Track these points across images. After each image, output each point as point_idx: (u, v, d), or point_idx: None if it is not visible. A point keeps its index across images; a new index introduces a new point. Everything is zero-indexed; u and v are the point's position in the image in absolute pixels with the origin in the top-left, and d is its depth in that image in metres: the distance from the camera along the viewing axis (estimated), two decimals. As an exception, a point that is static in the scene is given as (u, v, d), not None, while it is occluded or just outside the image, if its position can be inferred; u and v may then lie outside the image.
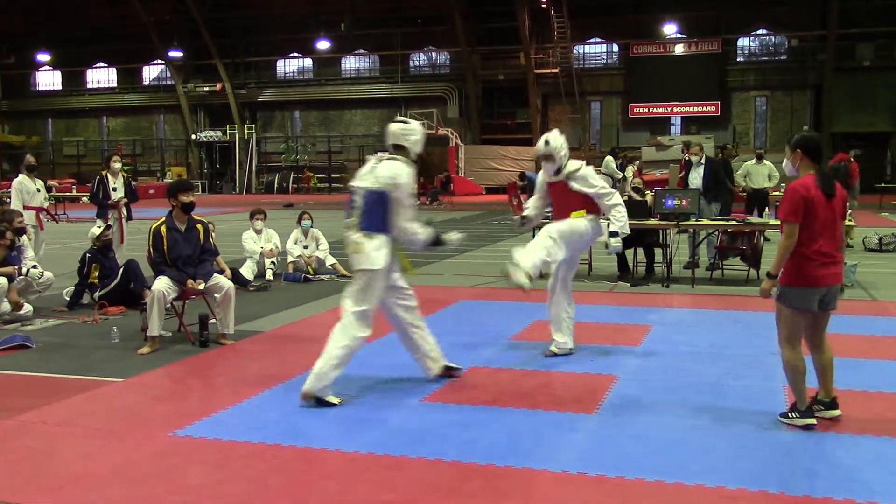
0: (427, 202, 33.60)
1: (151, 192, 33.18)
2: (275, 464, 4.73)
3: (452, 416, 5.53)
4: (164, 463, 4.76)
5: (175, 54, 44.76)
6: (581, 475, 4.51)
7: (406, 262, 6.38)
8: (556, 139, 7.18)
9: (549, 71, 40.34)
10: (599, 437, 5.08)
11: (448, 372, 6.44)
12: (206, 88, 45.53)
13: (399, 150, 6.07)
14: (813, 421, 5.18)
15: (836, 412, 5.34)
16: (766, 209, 14.49)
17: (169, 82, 46.96)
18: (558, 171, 7.14)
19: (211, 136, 46.51)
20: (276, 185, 44.07)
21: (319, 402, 5.73)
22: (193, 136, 46.58)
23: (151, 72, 48.63)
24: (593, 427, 5.29)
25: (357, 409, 5.76)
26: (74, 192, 28.10)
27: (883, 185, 29.13)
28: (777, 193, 18.62)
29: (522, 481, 4.45)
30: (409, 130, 6.10)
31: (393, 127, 6.14)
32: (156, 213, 9.59)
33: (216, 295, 7.90)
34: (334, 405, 5.74)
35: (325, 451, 4.90)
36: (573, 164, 7.17)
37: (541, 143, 7.22)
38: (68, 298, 9.83)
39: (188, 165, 47.21)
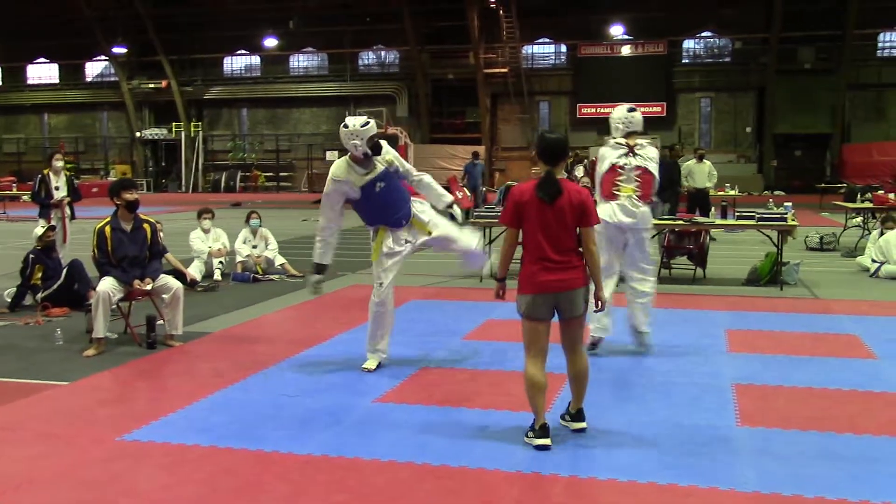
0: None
1: (95, 190, 32.47)
2: (226, 466, 4.67)
3: (405, 417, 5.52)
4: (113, 467, 4.66)
5: (119, 50, 43.87)
6: (535, 474, 4.53)
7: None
8: None
9: (498, 70, 40.45)
10: (553, 437, 5.09)
11: None
12: (152, 85, 44.72)
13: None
14: (545, 442, 4.85)
15: (582, 424, 5.15)
16: (712, 209, 14.69)
17: (113, 79, 46.02)
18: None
19: (156, 134, 45.72)
20: (222, 184, 43.51)
21: None
22: (138, 134, 45.74)
23: (95, 68, 47.66)
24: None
25: (309, 410, 5.71)
26: (14, 191, 27.33)
27: (823, 185, 29.79)
28: (721, 193, 19.00)
29: (477, 482, 4.46)
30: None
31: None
32: (99, 213, 9.42)
33: (164, 296, 7.77)
34: None
35: (278, 452, 4.84)
36: None
37: None
38: (10, 300, 9.59)
39: (133, 163, 46.34)
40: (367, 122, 6.49)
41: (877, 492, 4.25)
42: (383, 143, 6.74)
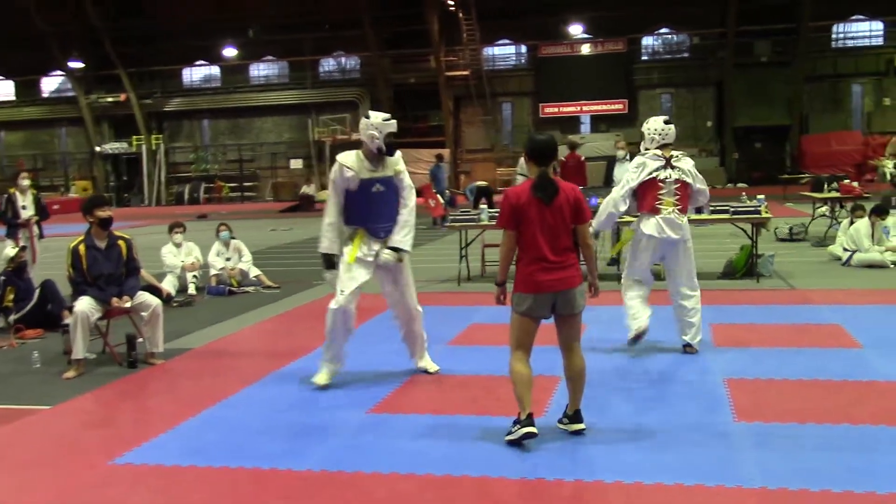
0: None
1: (56, 207, 31.87)
2: (223, 488, 4.57)
3: (401, 427, 5.45)
4: (107, 493, 4.55)
5: (76, 65, 43.29)
6: (539, 480, 4.48)
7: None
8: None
9: (459, 73, 40.51)
10: (552, 441, 5.06)
11: None
12: (110, 99, 44.18)
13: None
14: (531, 430, 4.86)
15: (580, 426, 5.13)
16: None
17: (70, 94, 45.36)
18: None
19: (117, 148, 45.15)
20: (186, 196, 43.09)
21: None
22: (98, 149, 45.14)
23: (51, 83, 46.93)
24: (544, 430, 5.26)
25: (302, 424, 5.62)
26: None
27: (786, 176, 30.17)
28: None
29: (481, 490, 4.40)
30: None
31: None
32: (63, 230, 9.23)
33: (143, 313, 7.61)
34: None
35: (276, 470, 4.75)
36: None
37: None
38: (-19, 323, 9.38)
39: (94, 179, 45.70)
40: (389, 118, 6.46)
41: (881, 482, 4.26)
42: (398, 153, 6.59)
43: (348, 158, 6.47)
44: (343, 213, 6.55)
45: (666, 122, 7.19)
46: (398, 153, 6.58)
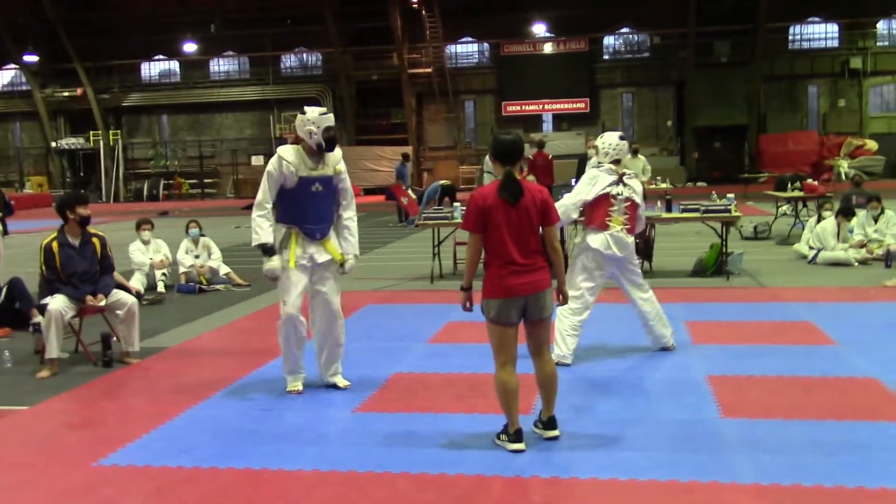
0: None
1: (12, 203, 31.32)
2: (217, 488, 4.51)
3: (390, 426, 5.42)
4: (96, 495, 4.47)
5: (30, 58, 42.36)
6: (534, 478, 4.49)
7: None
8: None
9: (422, 71, 40.46)
10: (545, 439, 5.06)
11: None
12: (66, 93, 43.34)
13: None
14: (520, 447, 4.84)
15: (555, 432, 5.04)
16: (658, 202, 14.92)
17: (25, 87, 44.45)
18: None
19: (73, 144, 44.34)
20: (145, 193, 42.42)
21: None
22: (54, 144, 44.30)
23: (4, 77, 45.96)
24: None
25: (288, 423, 5.58)
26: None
27: (745, 175, 30.59)
28: (652, 187, 19.27)
29: (478, 489, 4.40)
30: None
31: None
32: (22, 226, 9.01)
33: (118, 311, 7.50)
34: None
35: (268, 470, 4.70)
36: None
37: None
38: (-54, 322, 9.15)
39: (49, 174, 44.86)
40: (326, 112, 6.25)
41: (870, 477, 4.33)
42: (339, 152, 6.44)
43: (288, 153, 6.16)
44: (275, 210, 6.22)
45: (621, 138, 7.19)
46: (338, 150, 6.37)
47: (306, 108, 6.28)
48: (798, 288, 10.23)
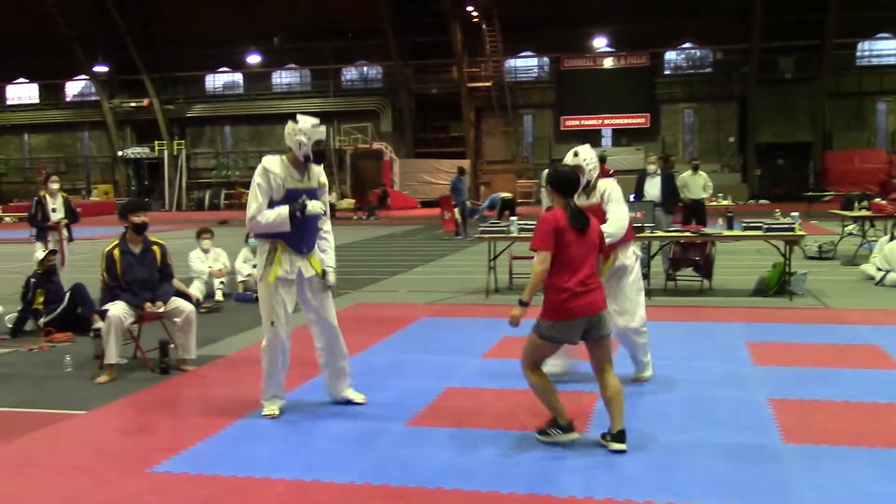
0: (364, 217, 33.37)
1: (78, 210, 32.11)
2: (267, 498, 4.50)
3: (442, 440, 5.37)
4: (150, 501, 4.48)
5: (100, 69, 43.59)
6: (588, 499, 4.39)
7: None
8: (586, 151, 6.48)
9: (481, 84, 40.57)
10: (600, 459, 4.96)
11: None
12: (133, 104, 44.47)
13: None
14: (574, 436, 5.14)
15: (622, 446, 5.04)
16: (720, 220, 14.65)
17: (94, 98, 45.72)
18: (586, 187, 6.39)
19: (138, 153, 45.43)
20: (206, 202, 43.24)
21: None
22: (120, 153, 45.44)
23: (75, 87, 47.28)
24: (591, 447, 5.17)
25: (340, 435, 5.55)
26: (-2, 213, 27.05)
27: (810, 193, 29.96)
28: (713, 203, 18.94)
29: (530, 508, 4.32)
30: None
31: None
32: (87, 233, 9.20)
33: (176, 319, 7.59)
34: None
35: (318, 482, 4.68)
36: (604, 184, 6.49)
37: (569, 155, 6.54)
38: (11, 325, 9.37)
39: (115, 183, 45.99)
40: (318, 123, 6.10)
41: (942, 509, 4.15)
42: (321, 166, 6.21)
43: (274, 164, 5.94)
44: None
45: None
46: (322, 170, 6.20)
47: (299, 118, 6.09)
48: (864, 310, 9.92)
